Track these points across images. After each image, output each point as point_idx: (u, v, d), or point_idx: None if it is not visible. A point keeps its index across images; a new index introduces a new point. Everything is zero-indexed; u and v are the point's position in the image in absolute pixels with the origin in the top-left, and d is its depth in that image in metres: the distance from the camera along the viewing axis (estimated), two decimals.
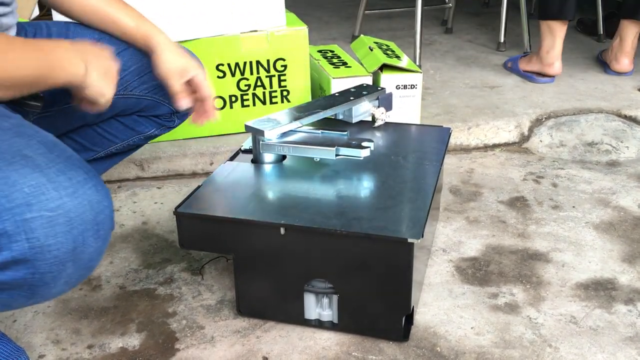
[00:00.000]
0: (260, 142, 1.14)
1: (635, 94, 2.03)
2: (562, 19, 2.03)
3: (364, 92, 1.33)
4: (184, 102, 1.10)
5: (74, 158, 0.76)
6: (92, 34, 1.11)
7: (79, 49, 0.88)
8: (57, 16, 1.67)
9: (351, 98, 1.29)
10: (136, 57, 1.12)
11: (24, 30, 1.07)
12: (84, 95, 0.90)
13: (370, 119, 1.34)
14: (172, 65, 1.08)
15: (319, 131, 1.18)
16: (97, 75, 0.89)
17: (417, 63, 2.24)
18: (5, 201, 0.68)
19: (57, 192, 0.70)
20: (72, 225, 0.71)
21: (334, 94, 1.33)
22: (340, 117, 1.32)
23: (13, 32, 0.99)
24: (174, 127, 1.26)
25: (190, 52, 1.16)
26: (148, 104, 1.17)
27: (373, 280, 0.98)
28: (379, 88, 1.36)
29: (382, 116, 1.33)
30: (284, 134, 1.16)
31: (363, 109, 1.32)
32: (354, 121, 1.31)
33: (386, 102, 1.35)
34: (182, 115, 1.24)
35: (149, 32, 1.09)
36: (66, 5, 1.09)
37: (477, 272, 1.22)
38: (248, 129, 1.14)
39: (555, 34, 2.05)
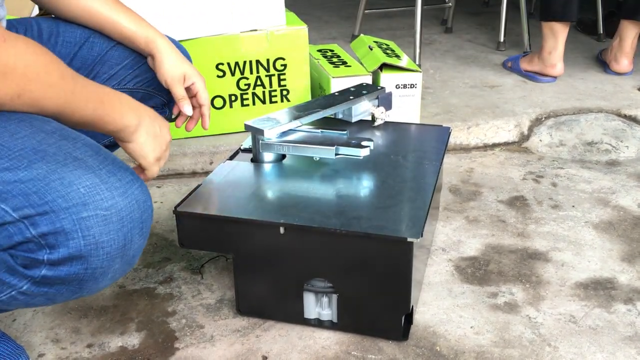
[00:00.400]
0: (260, 142, 1.14)
1: (635, 93, 2.03)
2: (565, 20, 2.02)
3: (364, 92, 1.33)
4: (187, 107, 1.11)
5: (118, 160, 0.79)
6: (83, 32, 1.11)
7: (137, 106, 0.91)
8: None
9: (351, 97, 1.29)
10: (128, 51, 1.12)
11: (14, 27, 1.07)
12: (126, 151, 0.93)
13: (369, 118, 1.34)
14: (175, 72, 1.09)
15: (319, 130, 1.18)
16: (146, 136, 0.92)
17: (417, 62, 2.24)
18: (62, 201, 0.71)
19: (110, 193, 0.74)
20: (123, 223, 0.75)
21: (334, 93, 1.33)
22: (340, 116, 1.32)
23: (3, 24, 0.99)
24: (165, 117, 1.27)
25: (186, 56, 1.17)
26: (142, 95, 1.17)
27: (373, 279, 0.98)
28: (379, 87, 1.36)
29: (382, 115, 1.33)
30: (284, 133, 1.16)
31: (363, 108, 1.32)
32: (353, 120, 1.31)
33: (386, 102, 1.35)
34: (173, 106, 1.24)
35: (150, 37, 1.09)
36: (64, 8, 1.09)
37: (476, 271, 1.22)
38: (248, 128, 1.14)
39: (558, 35, 2.05)
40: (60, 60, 0.81)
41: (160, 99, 1.20)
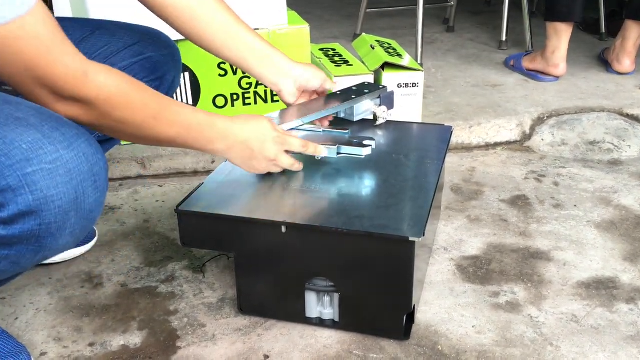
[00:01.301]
0: None
1: (638, 92, 2.03)
2: (569, 21, 2.02)
3: (366, 90, 1.32)
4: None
5: (62, 118, 0.79)
6: (83, 29, 1.10)
7: (229, 132, 0.98)
8: (57, 11, 1.68)
9: (353, 96, 1.29)
10: (119, 38, 1.13)
11: None
12: None
13: (372, 117, 1.34)
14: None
15: (321, 129, 1.18)
16: (240, 160, 1.02)
17: (419, 61, 2.24)
18: (5, 159, 0.72)
19: (53, 146, 0.74)
20: (71, 176, 0.75)
21: (336, 92, 1.33)
22: (342, 115, 1.32)
23: None
24: None
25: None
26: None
27: (374, 278, 0.98)
28: (381, 86, 1.35)
29: (384, 114, 1.33)
30: None
31: (365, 107, 1.32)
32: (355, 119, 1.31)
33: (388, 101, 1.35)
34: (163, 89, 1.24)
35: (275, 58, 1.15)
36: (188, 25, 1.10)
37: (478, 270, 1.22)
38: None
39: (561, 35, 2.04)
40: (146, 86, 0.87)
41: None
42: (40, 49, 0.73)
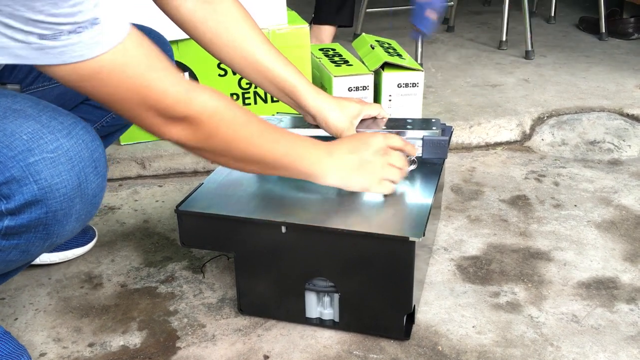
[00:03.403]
0: None
1: (638, 92, 2.02)
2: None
3: (408, 127, 1.14)
4: None
5: (58, 107, 0.80)
6: None
7: (332, 149, 0.97)
8: None
9: (407, 127, 1.14)
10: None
11: None
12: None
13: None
14: (344, 125, 1.10)
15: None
16: (353, 175, 0.99)
17: (419, 61, 2.23)
18: (7, 150, 0.73)
19: (53, 135, 0.75)
20: (73, 163, 0.76)
21: (393, 118, 1.18)
22: None
23: None
24: None
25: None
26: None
27: (374, 278, 0.97)
28: (443, 126, 1.13)
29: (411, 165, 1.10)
30: None
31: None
32: None
33: (433, 147, 1.11)
34: None
35: (314, 103, 1.09)
36: (223, 54, 1.08)
37: (478, 270, 1.21)
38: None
39: None
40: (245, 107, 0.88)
41: None
42: (145, 72, 0.74)
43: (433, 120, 1.17)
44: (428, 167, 1.15)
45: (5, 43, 0.65)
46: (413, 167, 1.09)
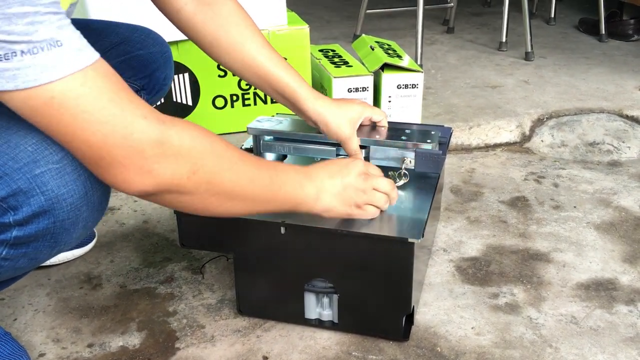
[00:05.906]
0: (261, 141, 1.14)
1: (637, 94, 2.03)
2: None
3: (403, 137, 1.10)
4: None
5: None
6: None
7: (312, 174, 0.92)
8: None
9: (402, 138, 1.10)
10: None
11: None
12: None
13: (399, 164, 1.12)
14: (345, 131, 1.06)
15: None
16: (336, 201, 0.93)
17: (419, 62, 2.24)
18: (13, 162, 0.72)
19: (57, 145, 0.74)
20: (78, 172, 0.75)
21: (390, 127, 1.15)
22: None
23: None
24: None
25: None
26: None
27: (373, 280, 0.98)
28: (432, 144, 1.07)
29: (404, 178, 1.09)
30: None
31: (384, 155, 1.12)
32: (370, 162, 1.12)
33: (425, 161, 1.08)
34: (150, 92, 1.22)
35: (317, 109, 1.06)
36: (223, 58, 1.06)
37: (477, 272, 1.21)
38: (251, 130, 1.15)
39: None
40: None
41: (133, 85, 1.18)
42: (106, 106, 0.66)
43: (432, 132, 1.12)
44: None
45: None
46: (405, 180, 1.08)
